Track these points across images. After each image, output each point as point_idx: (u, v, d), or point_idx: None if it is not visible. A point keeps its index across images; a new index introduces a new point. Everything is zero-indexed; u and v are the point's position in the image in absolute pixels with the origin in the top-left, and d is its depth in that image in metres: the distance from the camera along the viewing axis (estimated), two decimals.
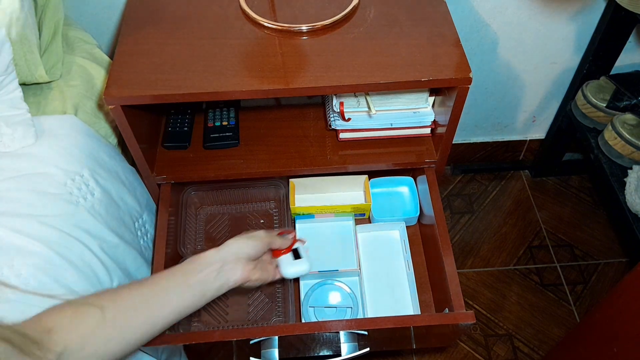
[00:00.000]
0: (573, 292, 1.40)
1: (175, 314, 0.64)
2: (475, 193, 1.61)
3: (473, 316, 0.77)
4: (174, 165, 0.94)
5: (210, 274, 0.67)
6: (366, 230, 1.04)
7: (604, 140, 1.17)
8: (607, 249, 1.48)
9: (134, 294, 0.62)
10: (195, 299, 0.66)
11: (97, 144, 0.87)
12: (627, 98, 1.19)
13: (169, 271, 0.66)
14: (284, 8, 0.88)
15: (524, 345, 1.32)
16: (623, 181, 1.11)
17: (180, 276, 0.66)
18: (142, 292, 0.62)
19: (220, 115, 1.00)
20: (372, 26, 0.84)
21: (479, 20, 1.20)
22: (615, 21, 1.15)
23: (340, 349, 0.81)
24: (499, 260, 1.46)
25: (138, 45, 0.82)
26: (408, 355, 1.32)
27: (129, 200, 0.91)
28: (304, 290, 0.95)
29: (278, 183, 1.04)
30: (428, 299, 0.95)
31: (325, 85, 0.76)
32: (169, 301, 0.63)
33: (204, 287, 0.67)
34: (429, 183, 0.94)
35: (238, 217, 1.08)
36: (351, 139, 0.96)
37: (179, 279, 0.65)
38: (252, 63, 0.79)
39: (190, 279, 0.66)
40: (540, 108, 1.48)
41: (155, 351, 0.84)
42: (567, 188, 1.62)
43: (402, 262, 1.00)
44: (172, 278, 0.65)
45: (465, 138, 1.58)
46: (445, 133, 0.87)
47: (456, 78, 0.76)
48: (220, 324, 0.95)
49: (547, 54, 1.30)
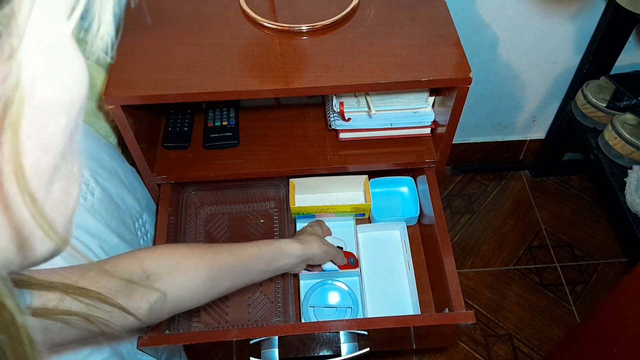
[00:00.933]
0: (573, 292, 1.40)
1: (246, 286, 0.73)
2: (475, 193, 1.61)
3: (473, 316, 0.77)
4: (174, 165, 0.94)
5: (288, 265, 0.77)
6: (367, 230, 1.04)
7: (604, 140, 1.17)
8: (607, 249, 1.48)
9: (228, 262, 0.69)
10: (266, 276, 0.76)
11: (97, 144, 0.87)
12: (627, 98, 1.19)
13: (255, 250, 0.73)
14: (284, 8, 0.88)
15: (524, 345, 1.32)
16: (623, 181, 1.11)
17: (263, 261, 0.74)
18: (234, 264, 0.70)
19: (220, 115, 1.00)
20: (372, 26, 0.84)
21: (479, 20, 1.20)
22: (615, 21, 1.15)
23: (340, 349, 0.81)
24: (499, 260, 1.46)
25: (138, 45, 0.82)
26: (408, 355, 1.32)
27: (129, 200, 0.91)
28: (304, 290, 0.95)
29: (278, 183, 1.04)
30: (428, 299, 0.95)
31: (325, 85, 0.76)
32: (248, 278, 0.73)
33: (277, 272, 0.77)
34: (429, 183, 0.94)
35: (238, 217, 1.08)
36: (351, 139, 0.96)
37: (262, 264, 0.74)
38: (252, 63, 0.79)
39: (271, 265, 0.75)
40: (540, 108, 1.48)
41: (156, 351, 0.84)
42: (567, 188, 1.62)
43: (402, 262, 1.00)
44: (257, 261, 0.73)
45: (465, 138, 1.58)
46: (445, 133, 0.87)
47: (456, 78, 0.76)
48: (220, 324, 0.95)
49: (547, 54, 1.30)
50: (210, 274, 0.66)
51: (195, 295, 0.66)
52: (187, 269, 0.65)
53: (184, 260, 0.65)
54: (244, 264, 0.71)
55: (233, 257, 0.70)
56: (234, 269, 0.70)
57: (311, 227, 0.93)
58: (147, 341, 0.74)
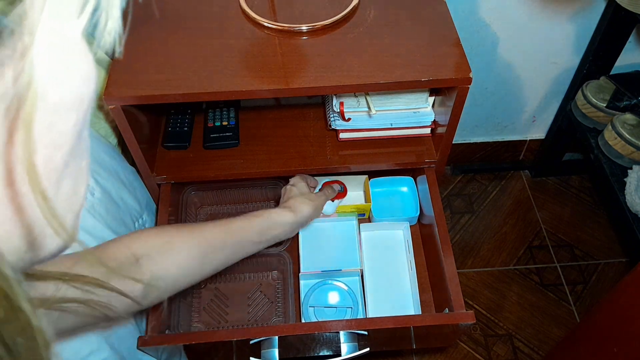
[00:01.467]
0: (573, 292, 1.40)
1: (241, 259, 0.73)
2: (475, 193, 1.61)
3: (473, 316, 0.77)
4: (174, 165, 0.94)
5: (282, 233, 0.76)
6: (369, 229, 1.04)
7: (604, 140, 1.17)
8: (607, 249, 1.48)
9: (218, 237, 0.69)
10: (261, 247, 0.75)
11: (97, 144, 0.87)
12: (627, 98, 1.19)
13: (245, 223, 0.72)
14: (284, 8, 0.88)
15: (524, 345, 1.32)
16: (623, 181, 1.11)
17: (255, 233, 0.73)
18: (224, 239, 0.69)
19: (220, 115, 1.00)
20: (372, 26, 0.84)
21: (479, 20, 1.20)
22: (615, 21, 1.15)
23: (340, 349, 0.81)
24: (499, 260, 1.46)
25: (138, 45, 0.82)
26: (408, 355, 1.32)
27: (129, 200, 0.91)
28: (304, 290, 0.95)
29: (278, 183, 1.04)
30: (428, 299, 0.95)
31: (325, 85, 0.76)
32: (243, 250, 0.72)
33: (272, 241, 0.76)
34: (429, 183, 0.94)
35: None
36: (351, 139, 0.96)
37: (255, 235, 0.73)
38: (252, 63, 0.79)
39: (264, 236, 0.74)
40: (540, 108, 1.48)
41: (156, 351, 0.84)
42: (567, 188, 1.62)
43: (404, 262, 1.00)
44: (248, 233, 0.72)
45: (465, 138, 1.58)
46: (445, 133, 0.87)
47: (456, 78, 0.76)
48: (220, 324, 0.95)
49: (547, 54, 1.30)
50: (201, 250, 0.66)
51: (189, 273, 0.66)
52: (177, 248, 0.65)
53: (173, 240, 0.65)
54: (235, 238, 0.71)
55: (222, 231, 0.70)
56: (225, 243, 0.70)
57: (295, 186, 0.87)
58: (147, 341, 0.74)
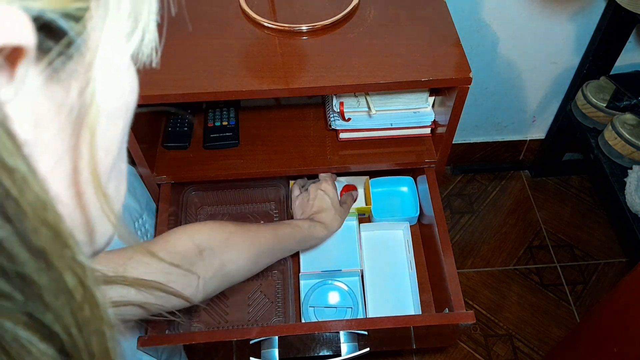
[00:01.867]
0: (573, 292, 1.40)
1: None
2: (475, 193, 1.61)
3: (473, 316, 0.77)
4: (174, 165, 0.94)
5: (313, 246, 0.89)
6: (369, 229, 1.03)
7: (604, 140, 1.17)
8: (607, 249, 1.48)
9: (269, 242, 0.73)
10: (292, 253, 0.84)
11: None
12: (627, 98, 1.19)
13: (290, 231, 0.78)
14: (284, 8, 0.88)
15: (524, 345, 1.32)
16: (623, 181, 1.11)
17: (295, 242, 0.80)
18: (272, 244, 0.74)
19: (220, 115, 1.00)
20: (372, 26, 0.84)
21: (479, 20, 1.20)
22: (615, 21, 1.15)
23: (340, 349, 0.81)
24: (499, 260, 1.46)
25: None
26: (408, 355, 1.32)
27: (129, 200, 0.90)
28: (304, 290, 0.95)
29: (278, 183, 1.04)
30: (428, 299, 0.95)
31: (325, 85, 0.76)
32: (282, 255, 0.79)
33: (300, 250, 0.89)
34: (429, 183, 0.94)
35: (238, 217, 1.08)
36: (351, 139, 0.96)
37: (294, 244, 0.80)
38: (252, 63, 0.79)
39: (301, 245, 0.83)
40: (540, 108, 1.48)
41: (156, 351, 0.84)
42: (567, 188, 1.62)
43: (404, 262, 1.00)
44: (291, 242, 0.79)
45: (465, 138, 1.58)
46: (445, 133, 0.87)
47: (456, 78, 0.76)
48: (220, 324, 0.95)
49: (547, 54, 1.30)
50: (255, 251, 0.69)
51: (243, 272, 0.68)
52: (236, 245, 0.67)
53: (233, 236, 0.67)
54: (281, 244, 0.76)
55: (272, 237, 0.74)
56: (273, 248, 0.74)
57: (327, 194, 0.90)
58: (147, 341, 0.74)
